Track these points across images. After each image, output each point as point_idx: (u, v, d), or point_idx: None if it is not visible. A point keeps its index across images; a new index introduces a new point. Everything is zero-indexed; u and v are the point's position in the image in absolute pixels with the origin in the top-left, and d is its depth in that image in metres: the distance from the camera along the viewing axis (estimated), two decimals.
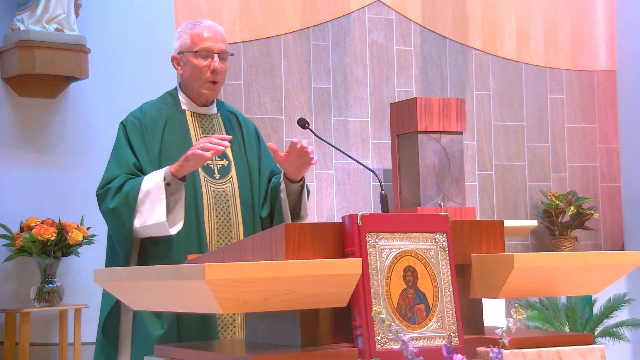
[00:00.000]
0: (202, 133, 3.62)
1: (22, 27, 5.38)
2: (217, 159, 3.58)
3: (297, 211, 3.63)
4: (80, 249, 5.31)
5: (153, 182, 3.38)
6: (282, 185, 3.57)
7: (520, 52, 7.65)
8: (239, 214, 3.55)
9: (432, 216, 2.52)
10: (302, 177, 3.57)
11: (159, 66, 5.85)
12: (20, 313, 5.17)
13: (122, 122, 3.66)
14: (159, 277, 2.38)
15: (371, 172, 4.58)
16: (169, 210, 3.38)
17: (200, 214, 3.49)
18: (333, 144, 3.48)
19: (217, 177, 3.57)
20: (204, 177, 3.54)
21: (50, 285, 5.25)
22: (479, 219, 7.05)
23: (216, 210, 3.51)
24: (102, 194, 3.48)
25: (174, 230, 3.38)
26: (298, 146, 3.40)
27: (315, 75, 6.95)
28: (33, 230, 5.16)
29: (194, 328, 3.41)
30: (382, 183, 3.41)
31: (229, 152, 3.60)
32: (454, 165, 6.58)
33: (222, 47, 3.57)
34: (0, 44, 5.47)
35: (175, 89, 3.72)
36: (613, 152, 7.90)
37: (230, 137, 3.41)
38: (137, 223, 3.39)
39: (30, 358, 5.18)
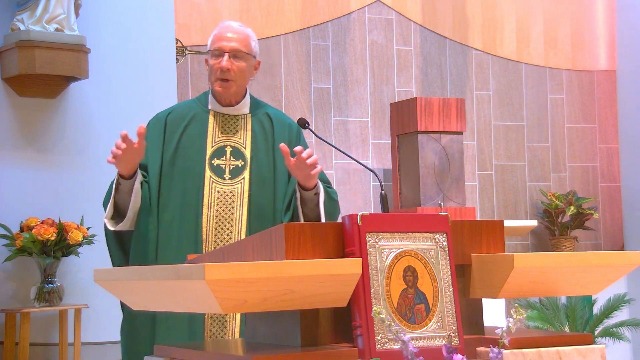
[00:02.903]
0: (221, 133, 3.63)
1: (22, 27, 5.38)
2: (231, 158, 3.60)
3: (318, 220, 3.54)
4: (80, 249, 5.31)
5: (112, 183, 3.50)
6: (297, 193, 3.54)
7: (520, 52, 7.65)
8: (244, 216, 3.54)
9: (432, 216, 2.52)
10: (316, 185, 3.49)
11: (159, 66, 5.85)
12: (20, 313, 5.17)
13: (150, 119, 3.72)
14: (159, 277, 2.38)
15: (371, 172, 4.58)
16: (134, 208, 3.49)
17: (199, 213, 3.52)
18: (333, 144, 3.47)
19: (227, 178, 3.58)
20: (211, 177, 3.56)
21: (50, 285, 5.25)
22: (479, 219, 7.05)
23: (217, 210, 3.53)
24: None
25: (120, 227, 3.50)
26: (303, 154, 3.34)
27: (315, 75, 6.95)
28: (33, 230, 5.16)
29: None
30: (382, 183, 3.41)
31: (247, 153, 3.61)
32: (454, 165, 6.58)
33: (234, 45, 3.57)
34: (0, 44, 5.47)
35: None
36: (613, 152, 7.90)
37: (142, 127, 3.31)
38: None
39: (30, 358, 5.18)
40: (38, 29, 5.37)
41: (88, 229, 5.32)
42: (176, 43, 6.13)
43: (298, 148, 3.34)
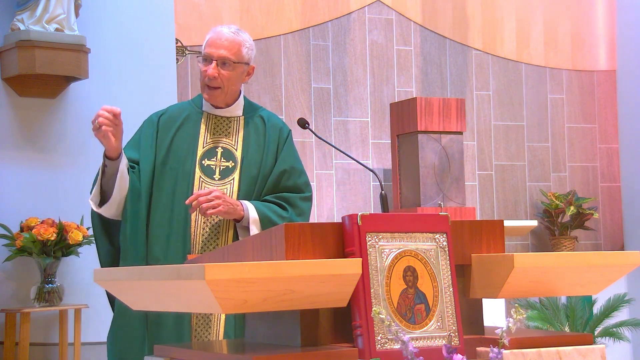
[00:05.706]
0: (213, 135, 3.64)
1: (22, 27, 5.38)
2: (222, 159, 3.61)
3: None
4: (80, 249, 5.31)
5: (99, 167, 3.50)
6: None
7: (520, 52, 7.65)
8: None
9: (432, 216, 2.52)
10: (242, 218, 3.51)
11: (159, 66, 5.85)
12: (20, 313, 5.17)
13: (145, 120, 3.74)
14: (159, 277, 2.38)
15: (371, 172, 4.58)
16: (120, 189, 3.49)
17: (188, 214, 3.52)
18: (333, 144, 3.48)
19: (217, 178, 3.58)
20: (200, 177, 3.57)
21: (50, 285, 5.25)
22: (479, 219, 7.05)
23: None
24: None
25: (103, 211, 3.51)
26: (201, 198, 3.44)
27: (315, 75, 6.95)
28: (33, 230, 5.15)
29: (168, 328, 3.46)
30: (382, 183, 3.42)
31: (238, 155, 3.61)
32: (454, 165, 6.58)
33: (222, 53, 3.57)
34: (0, 44, 5.47)
35: None
36: (613, 152, 7.90)
37: (118, 109, 3.39)
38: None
39: (30, 358, 5.18)
40: (38, 29, 5.37)
41: (88, 229, 5.31)
42: (176, 43, 6.13)
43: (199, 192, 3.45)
